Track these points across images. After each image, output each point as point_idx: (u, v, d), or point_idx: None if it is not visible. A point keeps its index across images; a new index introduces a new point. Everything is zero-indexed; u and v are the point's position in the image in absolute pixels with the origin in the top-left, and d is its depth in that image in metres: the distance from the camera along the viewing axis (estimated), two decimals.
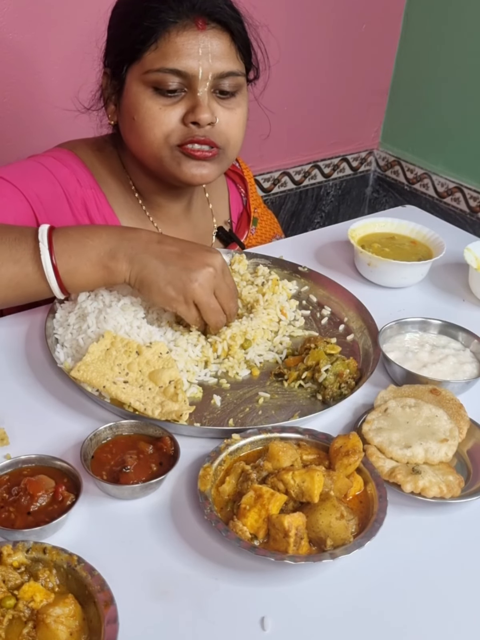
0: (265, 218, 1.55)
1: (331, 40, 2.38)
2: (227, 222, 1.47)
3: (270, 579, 0.75)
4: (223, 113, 1.15)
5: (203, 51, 1.09)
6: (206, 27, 1.10)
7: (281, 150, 2.47)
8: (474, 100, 2.37)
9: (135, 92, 1.13)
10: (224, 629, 0.70)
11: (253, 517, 0.76)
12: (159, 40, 1.09)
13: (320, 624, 0.71)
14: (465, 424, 0.92)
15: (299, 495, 0.78)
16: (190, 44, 1.09)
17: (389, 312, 1.18)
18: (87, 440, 0.85)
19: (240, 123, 1.19)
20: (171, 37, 1.09)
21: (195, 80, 1.10)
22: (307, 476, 0.78)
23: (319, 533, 0.76)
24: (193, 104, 1.12)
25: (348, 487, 0.81)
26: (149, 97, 1.12)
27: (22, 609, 0.66)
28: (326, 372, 1.00)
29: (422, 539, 0.81)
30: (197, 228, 1.40)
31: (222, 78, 1.12)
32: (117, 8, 1.17)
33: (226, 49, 1.12)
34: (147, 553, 0.77)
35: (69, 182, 1.22)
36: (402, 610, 0.73)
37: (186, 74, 1.10)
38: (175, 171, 1.17)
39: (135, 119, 1.14)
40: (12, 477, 0.81)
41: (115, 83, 1.18)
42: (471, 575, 0.78)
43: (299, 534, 0.74)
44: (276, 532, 0.75)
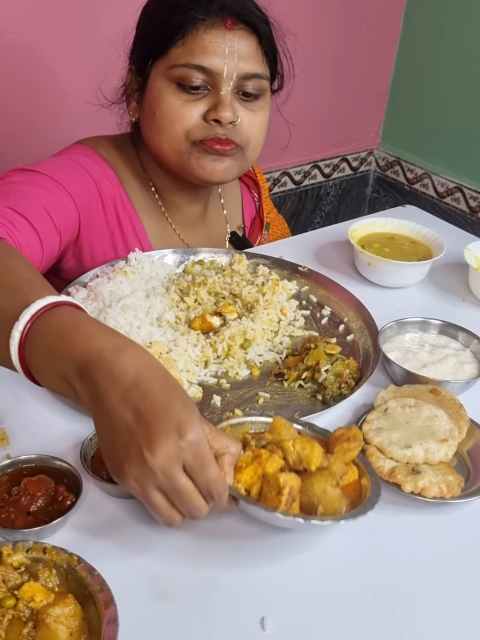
0: (276, 223, 1.55)
1: (331, 41, 2.38)
2: (240, 227, 1.48)
3: (270, 578, 0.75)
4: (245, 114, 1.15)
5: (229, 50, 1.10)
6: (234, 27, 1.11)
7: (281, 150, 2.46)
8: (474, 100, 2.37)
9: (159, 87, 1.14)
10: (224, 629, 0.70)
11: (248, 473, 0.73)
12: (186, 37, 1.10)
13: (320, 624, 0.71)
14: (465, 424, 0.92)
15: (296, 463, 0.76)
16: (217, 42, 1.10)
17: (389, 312, 1.18)
18: (87, 440, 0.85)
19: (262, 126, 1.20)
20: (199, 34, 1.10)
21: (220, 79, 1.11)
22: (307, 444, 0.77)
23: (311, 498, 0.74)
24: (216, 102, 1.12)
25: (344, 472, 0.79)
26: (172, 92, 1.13)
27: (22, 609, 0.66)
28: (326, 372, 1.00)
29: (422, 539, 0.81)
30: (212, 233, 1.41)
31: (247, 79, 1.13)
32: (148, 6, 1.18)
33: (253, 51, 1.13)
34: (147, 553, 0.77)
35: (102, 179, 1.22)
36: (403, 610, 0.73)
37: (211, 71, 1.10)
38: (194, 166, 1.17)
39: (157, 114, 1.14)
40: (12, 477, 0.81)
41: (139, 79, 1.18)
42: (471, 575, 0.78)
43: (292, 493, 0.72)
44: (269, 490, 0.73)
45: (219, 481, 0.68)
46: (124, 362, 0.68)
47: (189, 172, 1.19)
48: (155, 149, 1.20)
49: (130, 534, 0.79)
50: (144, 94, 1.18)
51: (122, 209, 1.25)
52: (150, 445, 0.64)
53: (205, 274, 1.21)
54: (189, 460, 0.66)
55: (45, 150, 1.30)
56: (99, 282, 1.10)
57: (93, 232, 1.22)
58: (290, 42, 1.24)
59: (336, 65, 2.45)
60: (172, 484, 0.65)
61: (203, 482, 0.67)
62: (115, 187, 1.25)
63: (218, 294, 1.17)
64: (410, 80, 2.59)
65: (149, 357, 0.70)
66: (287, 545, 0.79)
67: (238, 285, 1.19)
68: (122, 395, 0.66)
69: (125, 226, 1.26)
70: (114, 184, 1.24)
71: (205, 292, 1.16)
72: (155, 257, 1.24)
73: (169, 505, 0.68)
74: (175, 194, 1.30)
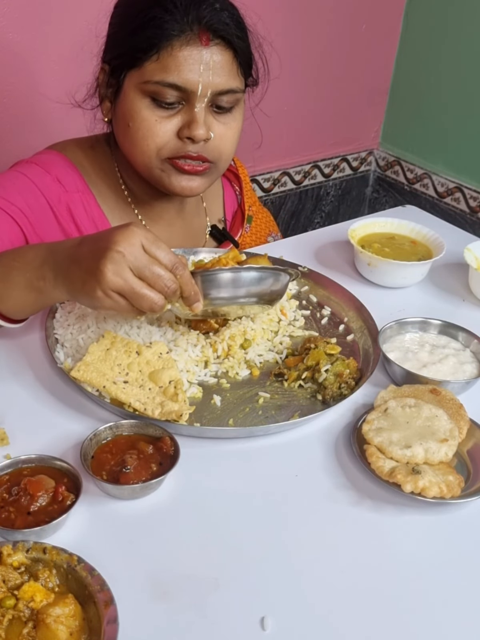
0: (260, 216, 1.54)
1: (331, 40, 2.38)
2: (220, 220, 1.47)
3: (270, 578, 0.75)
4: (218, 128, 1.15)
5: (204, 67, 1.08)
6: (210, 43, 1.08)
7: (281, 150, 2.46)
8: (474, 100, 2.37)
9: (133, 99, 1.13)
10: (224, 629, 0.70)
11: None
12: (160, 52, 1.08)
13: (320, 624, 0.71)
14: (465, 424, 0.92)
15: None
16: (192, 59, 1.08)
17: (389, 312, 1.18)
18: (87, 440, 0.85)
19: (234, 138, 1.19)
20: (174, 50, 1.07)
21: (194, 96, 1.10)
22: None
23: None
24: (189, 119, 1.11)
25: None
26: (145, 106, 1.12)
27: (22, 609, 0.66)
28: (326, 372, 1.00)
29: (422, 539, 0.81)
30: (190, 227, 1.40)
31: (221, 95, 1.12)
32: (119, 7, 1.16)
33: (228, 66, 1.11)
34: (147, 553, 0.77)
35: (51, 189, 1.21)
36: (403, 610, 0.73)
37: (185, 89, 1.09)
38: (165, 182, 1.17)
39: (130, 126, 1.14)
40: (12, 477, 0.81)
41: (112, 82, 1.17)
42: (471, 575, 0.78)
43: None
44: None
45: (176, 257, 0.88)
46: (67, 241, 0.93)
47: (159, 185, 1.20)
48: (129, 158, 1.20)
49: (130, 534, 0.79)
50: (117, 98, 1.17)
51: (82, 213, 1.24)
52: (112, 242, 0.84)
53: None
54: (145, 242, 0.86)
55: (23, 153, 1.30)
56: None
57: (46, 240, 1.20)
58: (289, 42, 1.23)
59: (336, 65, 2.45)
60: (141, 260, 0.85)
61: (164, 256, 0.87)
62: (72, 192, 1.23)
63: None
64: (410, 80, 2.59)
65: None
66: (287, 545, 0.79)
67: None
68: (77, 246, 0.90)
69: (86, 230, 1.25)
70: (71, 190, 1.23)
71: None
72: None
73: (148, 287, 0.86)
74: (148, 195, 1.29)
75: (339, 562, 0.77)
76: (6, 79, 1.77)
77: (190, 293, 0.91)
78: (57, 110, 1.73)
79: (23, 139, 1.83)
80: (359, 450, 0.89)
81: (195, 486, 0.85)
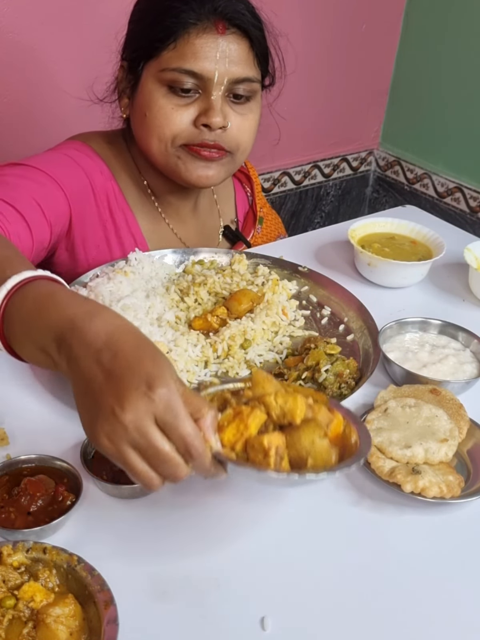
0: (270, 218, 1.56)
1: (331, 41, 2.38)
2: (233, 221, 1.48)
3: (270, 578, 0.75)
4: (235, 118, 1.16)
5: (221, 55, 1.10)
6: (226, 32, 1.10)
7: (281, 150, 2.46)
8: (474, 100, 2.37)
9: (150, 89, 1.14)
10: (224, 629, 0.70)
11: (231, 431, 0.69)
12: (177, 40, 1.10)
13: (320, 624, 0.71)
14: (465, 424, 0.92)
15: (280, 417, 0.72)
16: (208, 47, 1.09)
17: (389, 312, 1.18)
18: (87, 440, 0.85)
19: (252, 129, 1.20)
20: (190, 38, 1.09)
21: (210, 83, 1.11)
22: (290, 397, 0.73)
23: (300, 451, 0.70)
24: (206, 107, 1.12)
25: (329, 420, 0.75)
26: (162, 95, 1.13)
27: (22, 609, 0.66)
28: (326, 372, 1.00)
29: (422, 539, 0.81)
30: (204, 227, 1.41)
31: (238, 83, 1.13)
32: (139, 4, 1.18)
33: (244, 55, 1.13)
34: (147, 553, 0.77)
35: (94, 173, 1.22)
36: (403, 610, 0.73)
37: (202, 76, 1.10)
38: (181, 171, 1.18)
39: (147, 115, 1.15)
40: (12, 477, 0.81)
41: (130, 77, 1.18)
42: (471, 575, 0.78)
43: (279, 453, 0.68)
44: (255, 454, 0.68)
45: (196, 437, 0.65)
46: (95, 326, 0.68)
47: (175, 175, 1.20)
48: (145, 149, 1.21)
49: (130, 534, 0.79)
50: (135, 92, 1.18)
51: (114, 202, 1.26)
52: (120, 400, 0.63)
53: (205, 274, 1.21)
54: (160, 414, 0.63)
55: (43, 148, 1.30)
56: (99, 282, 1.10)
57: (85, 225, 1.22)
58: (289, 42, 1.24)
59: (336, 65, 2.45)
60: (145, 439, 0.63)
61: (178, 437, 0.64)
62: (107, 180, 1.25)
63: (218, 294, 1.17)
64: (410, 80, 2.59)
65: (121, 320, 0.70)
66: (287, 544, 0.79)
67: (238, 285, 1.19)
68: (95, 357, 0.66)
69: (118, 219, 1.27)
70: (107, 178, 1.25)
71: (205, 292, 1.16)
72: (155, 257, 1.24)
73: (147, 466, 0.65)
74: (166, 189, 1.30)
75: (339, 562, 0.77)
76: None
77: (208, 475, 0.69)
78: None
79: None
80: None
81: (195, 486, 0.85)
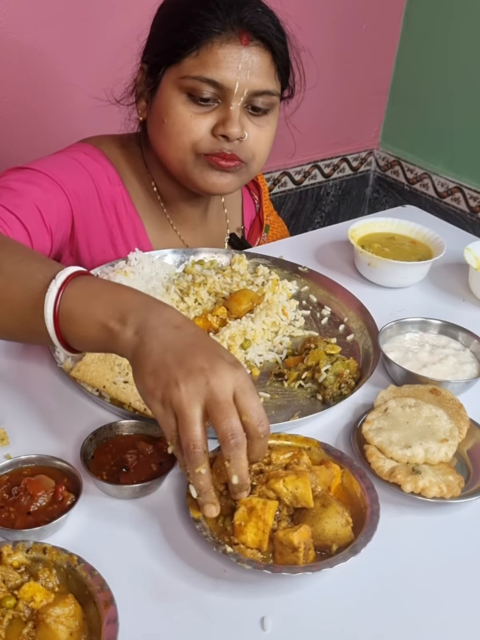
0: (276, 225, 1.56)
1: (331, 40, 2.38)
2: (239, 228, 1.48)
3: (270, 579, 0.75)
4: (252, 129, 1.16)
5: (243, 66, 1.10)
6: (249, 43, 1.10)
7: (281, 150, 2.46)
8: (474, 100, 2.37)
9: (169, 95, 1.14)
10: (224, 629, 0.70)
11: (251, 531, 0.73)
12: (200, 48, 1.10)
13: (320, 624, 0.71)
14: (465, 424, 0.92)
15: (293, 502, 0.76)
16: (231, 57, 1.09)
17: (389, 312, 1.18)
18: (87, 440, 0.85)
19: (268, 141, 1.20)
20: (214, 47, 1.09)
21: (230, 94, 1.11)
22: (299, 482, 0.76)
23: (325, 541, 0.75)
24: (224, 117, 1.12)
25: (332, 478, 0.81)
26: (182, 102, 1.13)
27: (22, 609, 0.66)
28: (326, 372, 1.00)
29: (422, 539, 0.81)
30: (211, 234, 1.41)
31: (257, 95, 1.13)
32: (164, 7, 1.18)
33: (266, 68, 1.12)
34: (147, 553, 0.77)
35: (101, 178, 1.22)
36: (403, 610, 0.73)
37: (222, 85, 1.10)
38: (197, 178, 1.18)
39: (165, 121, 1.15)
40: (12, 477, 0.80)
41: (150, 81, 1.18)
42: (471, 575, 0.78)
43: (307, 547, 0.73)
44: (283, 548, 0.73)
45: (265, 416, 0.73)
46: (169, 311, 0.77)
47: (190, 182, 1.20)
48: (161, 154, 1.21)
49: (130, 534, 0.79)
50: (154, 96, 1.18)
51: (122, 207, 1.26)
52: (212, 364, 0.71)
53: (205, 274, 1.21)
54: (241, 387, 0.71)
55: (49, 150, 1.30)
56: None
57: (90, 230, 1.22)
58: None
59: (336, 65, 2.45)
60: (220, 404, 0.70)
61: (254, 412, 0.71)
62: (115, 185, 1.25)
63: (218, 294, 1.17)
64: (410, 80, 2.59)
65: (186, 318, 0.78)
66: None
67: (238, 285, 1.19)
68: (174, 330, 0.75)
69: (125, 225, 1.26)
70: (114, 183, 1.25)
71: (205, 292, 1.16)
72: (155, 257, 1.24)
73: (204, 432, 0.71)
74: (176, 195, 1.30)
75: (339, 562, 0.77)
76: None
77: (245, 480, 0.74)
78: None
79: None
80: (359, 450, 0.89)
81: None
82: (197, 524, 0.76)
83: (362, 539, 0.74)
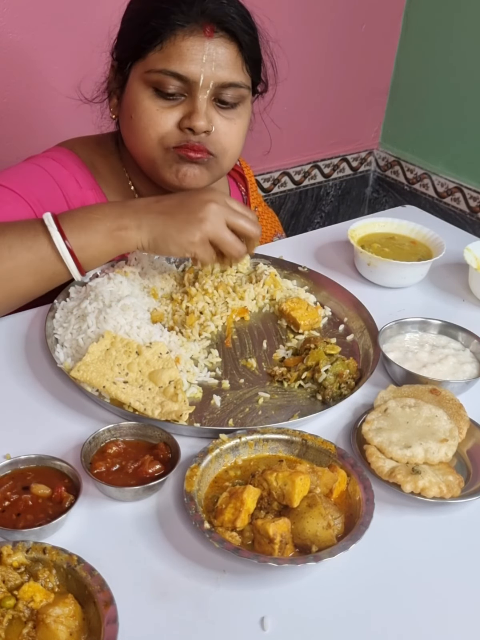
0: (265, 217, 1.55)
1: (331, 41, 2.38)
2: None
3: (270, 579, 0.75)
4: (221, 122, 1.14)
5: (207, 58, 1.09)
6: (213, 35, 1.09)
7: (281, 150, 2.47)
8: (474, 100, 2.37)
9: (136, 90, 1.13)
10: (224, 629, 0.70)
11: (229, 511, 0.76)
12: (164, 42, 1.09)
13: (320, 624, 0.71)
14: (465, 424, 0.93)
15: (280, 497, 0.78)
16: (195, 50, 1.08)
17: (389, 312, 1.18)
18: (87, 443, 0.84)
19: (239, 134, 1.19)
20: (177, 40, 1.08)
21: (196, 87, 1.10)
22: (289, 479, 0.77)
23: (304, 540, 0.76)
24: (191, 110, 1.11)
25: (334, 481, 0.81)
26: (148, 97, 1.12)
27: (22, 609, 0.66)
28: (326, 372, 1.00)
29: (422, 539, 0.81)
30: None
31: (224, 88, 1.12)
32: (132, 4, 1.17)
33: (231, 59, 1.11)
34: (147, 553, 0.77)
35: (69, 184, 1.22)
36: (403, 610, 0.73)
37: (187, 78, 1.09)
38: (167, 173, 1.17)
39: (133, 117, 1.14)
40: (12, 477, 0.81)
41: (120, 77, 1.18)
42: (471, 576, 0.78)
43: (283, 540, 0.74)
44: (261, 537, 0.75)
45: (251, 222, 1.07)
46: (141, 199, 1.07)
47: (160, 178, 1.19)
48: (132, 151, 1.21)
49: (130, 534, 0.79)
50: (123, 93, 1.18)
51: None
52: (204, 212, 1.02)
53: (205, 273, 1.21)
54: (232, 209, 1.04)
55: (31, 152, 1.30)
56: (99, 282, 1.10)
57: None
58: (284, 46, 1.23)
59: (336, 65, 2.45)
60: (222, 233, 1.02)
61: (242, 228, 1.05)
62: (86, 189, 1.24)
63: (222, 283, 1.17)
64: (410, 80, 2.59)
65: None
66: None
67: (238, 285, 1.19)
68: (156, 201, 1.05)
69: None
70: (85, 186, 1.24)
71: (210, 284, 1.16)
72: (155, 257, 1.24)
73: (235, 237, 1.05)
74: (153, 193, 1.28)
75: (339, 562, 0.77)
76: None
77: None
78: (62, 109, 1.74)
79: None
80: (358, 450, 0.89)
81: None
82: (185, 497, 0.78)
83: (342, 544, 0.74)
